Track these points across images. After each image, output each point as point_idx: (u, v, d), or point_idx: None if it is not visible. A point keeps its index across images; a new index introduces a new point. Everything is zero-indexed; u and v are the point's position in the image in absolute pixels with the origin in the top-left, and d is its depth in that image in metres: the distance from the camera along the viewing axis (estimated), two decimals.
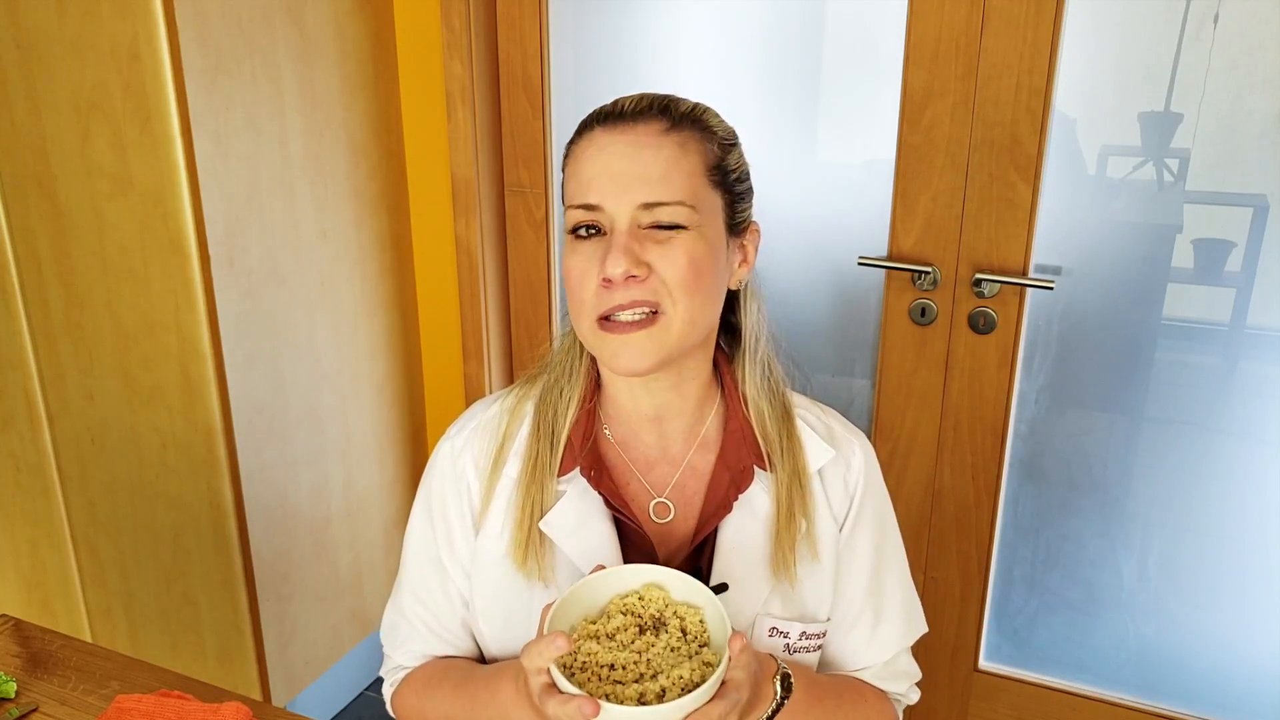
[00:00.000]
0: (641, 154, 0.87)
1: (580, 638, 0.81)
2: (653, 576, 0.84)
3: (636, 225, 0.87)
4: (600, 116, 0.91)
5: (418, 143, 2.02)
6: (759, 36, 1.82)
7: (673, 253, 0.87)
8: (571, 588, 0.83)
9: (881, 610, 1.02)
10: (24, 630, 1.24)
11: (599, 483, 0.94)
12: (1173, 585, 1.79)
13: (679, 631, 0.81)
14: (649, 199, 0.86)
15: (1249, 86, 1.51)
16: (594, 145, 0.89)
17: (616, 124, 0.89)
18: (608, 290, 0.87)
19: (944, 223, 1.70)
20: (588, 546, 0.93)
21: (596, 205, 0.87)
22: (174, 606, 1.89)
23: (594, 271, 0.87)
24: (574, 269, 0.89)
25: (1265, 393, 1.63)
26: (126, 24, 1.51)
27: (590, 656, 0.80)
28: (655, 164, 0.87)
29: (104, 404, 1.79)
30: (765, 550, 0.94)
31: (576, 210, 0.89)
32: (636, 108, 0.90)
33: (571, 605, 0.82)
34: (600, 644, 0.81)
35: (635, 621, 0.82)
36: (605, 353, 0.89)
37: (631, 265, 0.85)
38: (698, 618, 0.82)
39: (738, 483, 0.95)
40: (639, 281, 0.86)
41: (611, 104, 0.91)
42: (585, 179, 0.89)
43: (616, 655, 0.80)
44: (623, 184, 0.87)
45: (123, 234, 1.64)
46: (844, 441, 1.01)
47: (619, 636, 0.81)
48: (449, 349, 2.14)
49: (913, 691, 1.07)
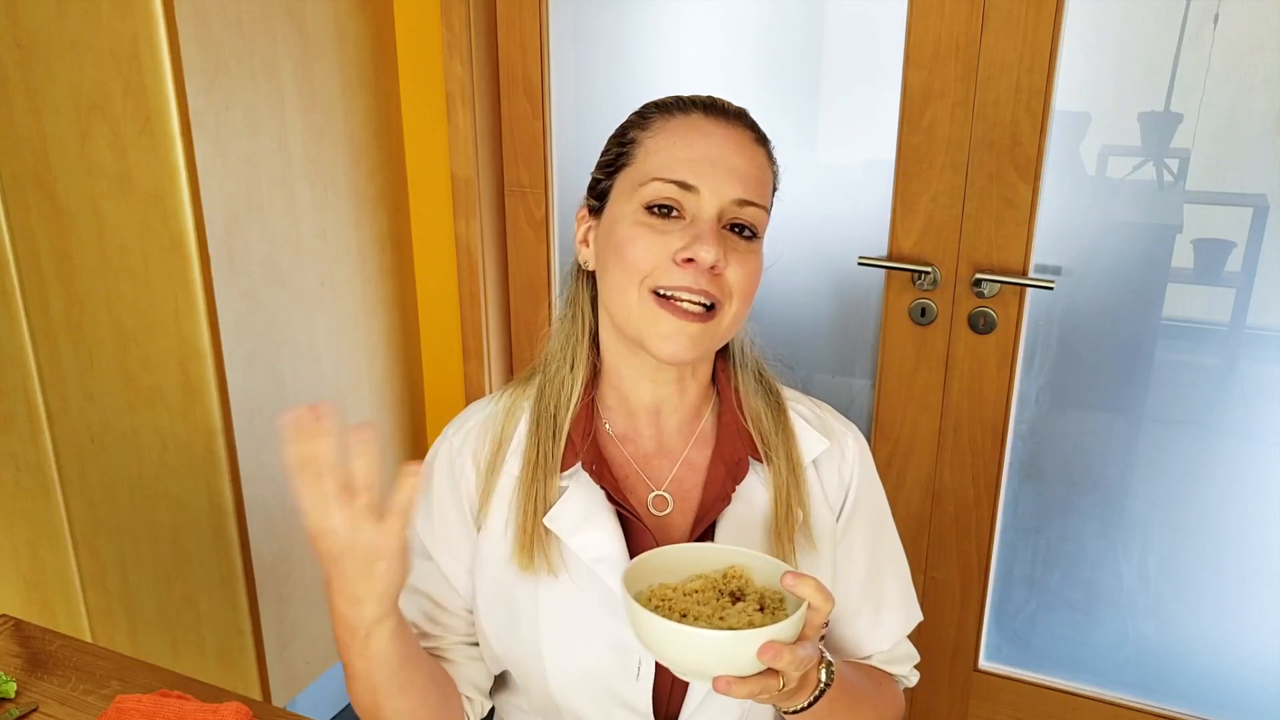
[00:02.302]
0: (744, 153, 0.90)
1: (657, 590, 0.81)
2: (737, 559, 0.84)
3: (719, 219, 0.88)
4: (699, 104, 0.92)
5: (418, 143, 2.02)
6: (759, 37, 1.82)
7: (746, 259, 0.89)
8: (652, 551, 0.83)
9: (882, 598, 1.03)
10: (24, 630, 1.24)
11: (601, 477, 0.94)
12: (1173, 585, 1.79)
13: (756, 605, 0.81)
14: (746, 196, 0.89)
15: (1249, 86, 1.51)
16: (696, 129, 0.90)
17: (718, 116, 0.91)
18: (680, 269, 0.87)
19: (944, 223, 1.70)
20: (593, 541, 0.93)
21: (694, 187, 0.88)
22: (174, 606, 1.89)
23: (665, 246, 0.87)
24: (639, 239, 0.88)
25: (1265, 393, 1.63)
26: (126, 24, 1.51)
27: (665, 600, 0.80)
28: (754, 169, 0.90)
29: (104, 404, 1.79)
30: (764, 542, 0.95)
31: (668, 184, 0.88)
32: (732, 109, 0.93)
33: (648, 567, 0.82)
34: (677, 595, 0.81)
35: (715, 589, 0.82)
36: (656, 329, 0.88)
37: (720, 256, 0.86)
38: (778, 597, 0.82)
39: (734, 475, 0.95)
40: (715, 275, 0.88)
41: (706, 96, 0.93)
42: (684, 157, 0.88)
43: (692, 606, 0.79)
44: (725, 174, 0.88)
45: (123, 234, 1.64)
46: (837, 432, 1.02)
47: (696, 596, 0.81)
48: (449, 349, 2.14)
49: (913, 673, 1.08)
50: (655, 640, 0.75)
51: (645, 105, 0.95)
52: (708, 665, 0.74)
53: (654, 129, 0.91)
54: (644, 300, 0.88)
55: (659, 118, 0.92)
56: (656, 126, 0.91)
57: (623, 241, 0.89)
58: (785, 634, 0.74)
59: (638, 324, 0.89)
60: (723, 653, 0.73)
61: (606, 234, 0.92)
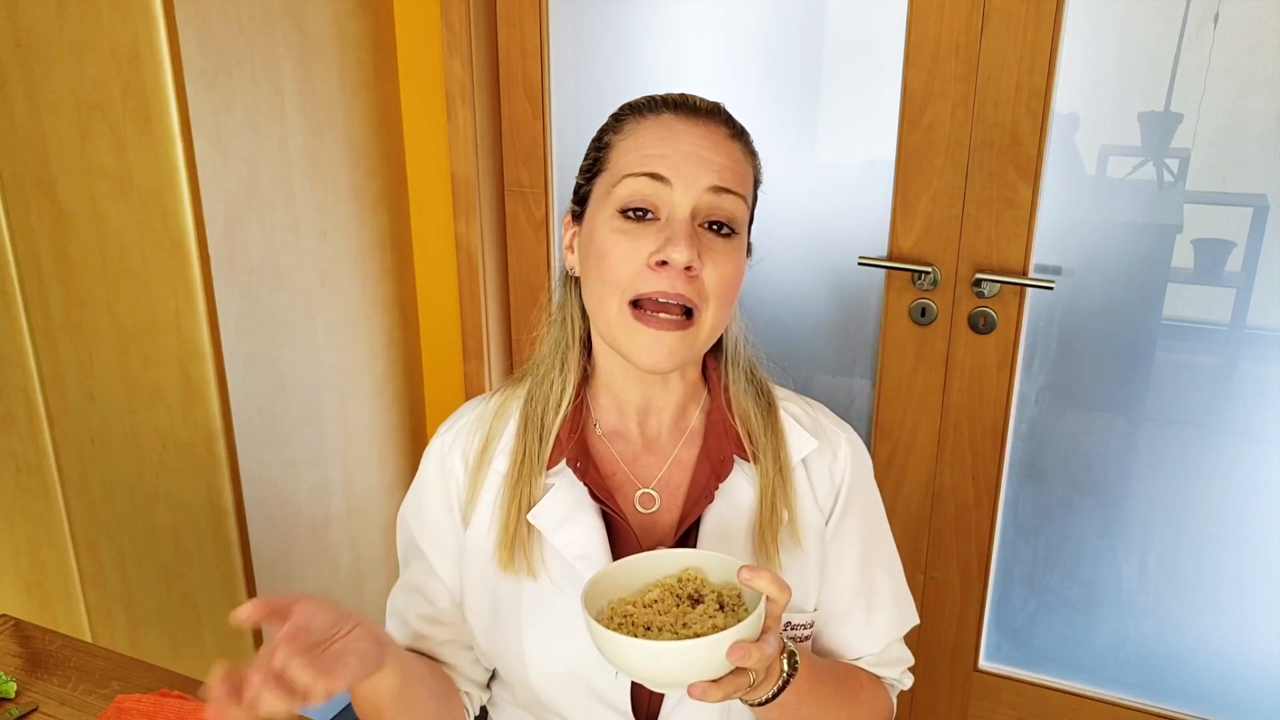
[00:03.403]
0: (718, 148, 0.89)
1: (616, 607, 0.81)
2: (690, 560, 0.84)
3: (694, 217, 0.87)
4: (669, 103, 0.91)
5: (418, 143, 2.02)
6: (759, 36, 1.82)
7: (722, 259, 0.88)
8: (605, 568, 0.83)
9: (873, 601, 1.03)
10: (24, 630, 1.24)
11: (584, 474, 0.94)
12: (1173, 585, 1.79)
13: (715, 605, 0.81)
14: (721, 183, 0.88)
15: (1249, 86, 1.51)
16: (664, 126, 0.89)
17: (690, 115, 0.90)
18: (655, 274, 0.86)
19: (944, 223, 1.70)
20: (575, 538, 0.93)
21: (665, 178, 0.87)
22: (174, 606, 1.89)
23: (640, 252, 0.87)
24: (617, 247, 0.88)
25: (1265, 393, 1.63)
26: (126, 24, 1.51)
27: (626, 617, 0.79)
28: (728, 161, 0.89)
29: (104, 404, 1.79)
30: (747, 541, 0.95)
31: (640, 178, 0.88)
32: (705, 106, 0.92)
33: (605, 584, 0.82)
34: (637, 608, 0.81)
35: (673, 595, 0.82)
36: (634, 344, 0.88)
37: (693, 257, 0.85)
38: (735, 593, 0.82)
39: (718, 472, 0.95)
40: (690, 277, 0.87)
41: (678, 95, 0.92)
42: (655, 152, 0.88)
43: (654, 618, 0.79)
44: (695, 165, 0.87)
45: (123, 234, 1.64)
46: (829, 433, 1.01)
47: (655, 606, 0.81)
48: (449, 349, 2.14)
49: (906, 676, 1.08)
50: (623, 659, 0.75)
51: (620, 107, 0.94)
52: (680, 675, 0.74)
53: (626, 130, 0.91)
54: (623, 314, 0.88)
55: (631, 119, 0.92)
56: (629, 128, 0.91)
57: (601, 252, 0.89)
58: (750, 631, 0.74)
59: (617, 336, 0.90)
60: (692, 660, 0.73)
61: (587, 241, 0.92)
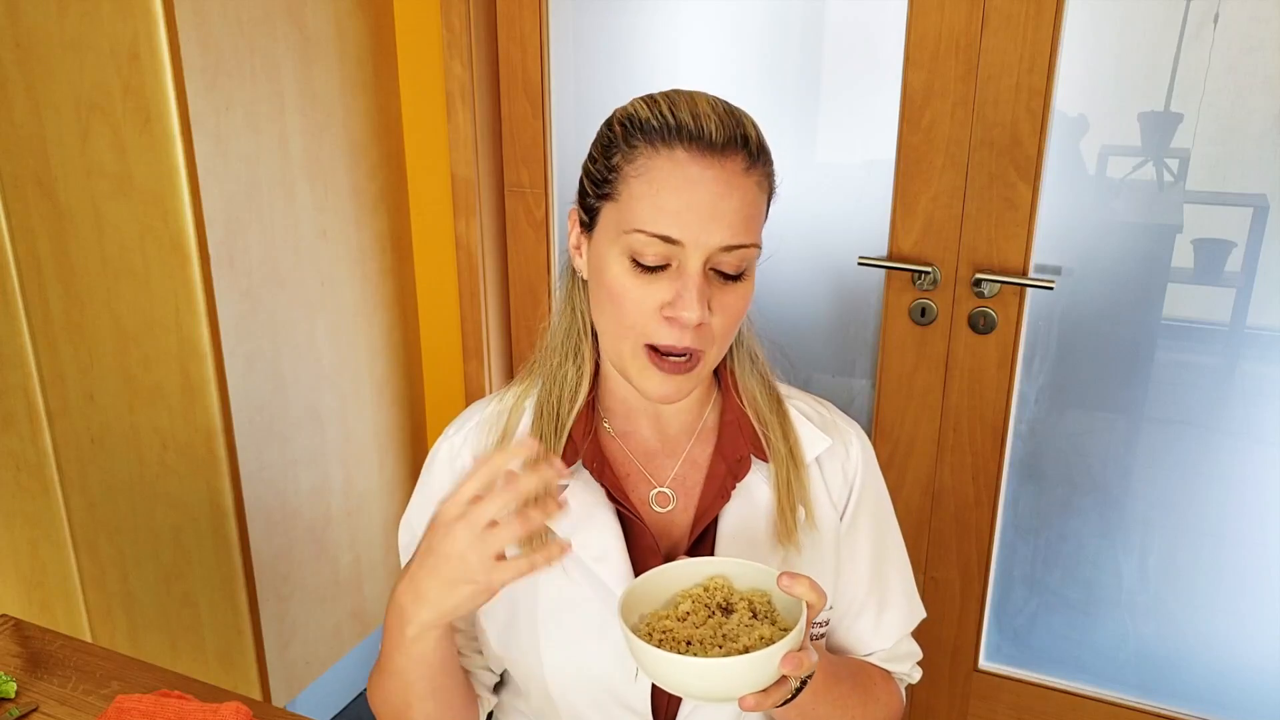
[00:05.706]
0: (731, 194, 0.85)
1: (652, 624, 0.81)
2: (713, 568, 0.85)
3: (705, 264, 0.86)
4: (684, 136, 0.85)
5: (418, 143, 2.02)
6: (759, 36, 1.82)
7: (731, 301, 0.88)
8: (631, 584, 0.83)
9: (886, 598, 1.03)
10: (24, 630, 1.24)
11: (601, 474, 0.94)
12: (1173, 585, 1.79)
13: (748, 613, 0.81)
14: (733, 241, 0.85)
15: (1249, 86, 1.51)
16: (681, 174, 0.85)
17: (705, 154, 0.85)
18: (667, 326, 0.87)
19: (944, 223, 1.70)
20: (592, 539, 0.93)
21: (679, 241, 0.85)
22: (174, 606, 1.89)
23: (652, 298, 0.87)
24: (630, 291, 0.87)
25: (1265, 393, 1.63)
26: (126, 24, 1.51)
27: (666, 633, 0.80)
28: (742, 207, 0.86)
29: (104, 404, 1.79)
30: (765, 539, 0.95)
31: (654, 239, 0.85)
32: (723, 138, 0.85)
33: (633, 599, 0.82)
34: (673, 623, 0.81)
35: (704, 606, 0.82)
36: (646, 382, 0.90)
37: (704, 314, 0.86)
38: (765, 599, 0.82)
39: (735, 472, 0.96)
40: (700, 329, 0.87)
41: (693, 122, 0.85)
42: (670, 209, 0.85)
43: (693, 632, 0.80)
44: (709, 223, 0.85)
45: (123, 234, 1.64)
46: (841, 430, 1.02)
47: (690, 619, 0.81)
48: (449, 349, 2.15)
49: (915, 670, 1.09)
50: (674, 678, 0.75)
51: (630, 121, 0.88)
52: (732, 689, 0.75)
53: (639, 164, 0.86)
54: (637, 354, 0.89)
55: (644, 150, 0.86)
56: (641, 163, 0.86)
57: (612, 293, 0.88)
58: (798, 641, 0.75)
59: (629, 370, 0.91)
60: (747, 674, 0.74)
61: (597, 268, 0.91)
